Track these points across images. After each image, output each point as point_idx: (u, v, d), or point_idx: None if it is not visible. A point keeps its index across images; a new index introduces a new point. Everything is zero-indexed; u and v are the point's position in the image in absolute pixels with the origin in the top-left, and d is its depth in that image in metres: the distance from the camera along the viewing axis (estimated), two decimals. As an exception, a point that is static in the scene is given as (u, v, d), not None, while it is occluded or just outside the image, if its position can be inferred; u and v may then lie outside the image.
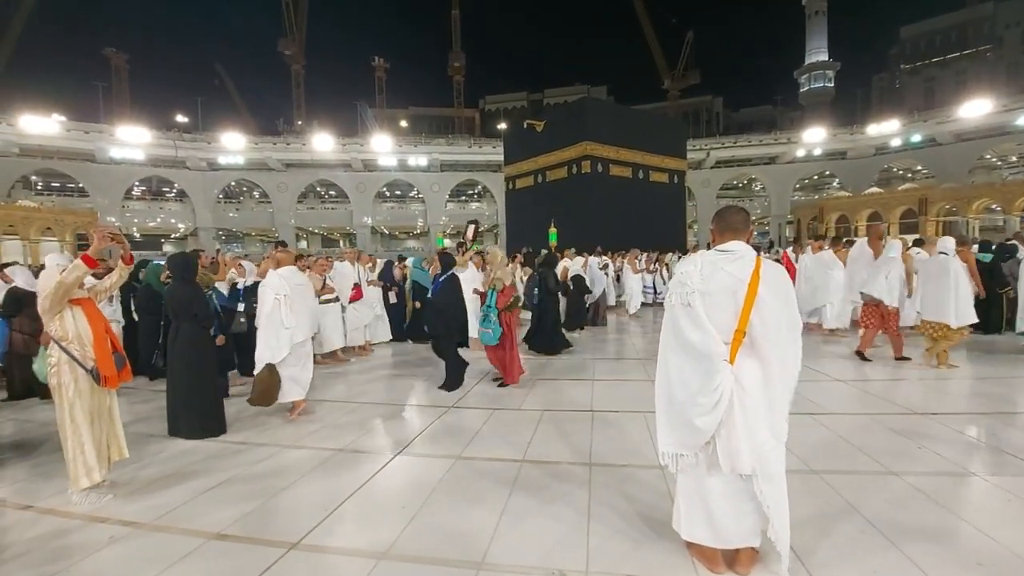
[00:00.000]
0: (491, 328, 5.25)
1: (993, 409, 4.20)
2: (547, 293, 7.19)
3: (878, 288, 5.77)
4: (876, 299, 5.80)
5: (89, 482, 2.89)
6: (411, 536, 2.47)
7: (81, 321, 2.98)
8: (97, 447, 2.96)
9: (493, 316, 5.27)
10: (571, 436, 3.79)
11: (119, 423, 3.19)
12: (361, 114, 54.41)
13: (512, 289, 5.46)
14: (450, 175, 42.93)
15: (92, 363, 2.93)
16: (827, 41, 69.66)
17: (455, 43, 63.68)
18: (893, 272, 5.78)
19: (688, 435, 1.99)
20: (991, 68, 58.75)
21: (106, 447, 3.06)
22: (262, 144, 39.94)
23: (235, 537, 2.50)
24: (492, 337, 5.26)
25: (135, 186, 38.04)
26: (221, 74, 61.67)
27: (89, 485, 2.90)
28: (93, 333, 2.98)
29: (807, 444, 3.41)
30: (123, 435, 3.20)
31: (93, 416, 2.98)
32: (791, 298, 2.00)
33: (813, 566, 2.11)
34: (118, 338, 3.27)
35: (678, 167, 18.88)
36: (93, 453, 2.91)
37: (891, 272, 5.77)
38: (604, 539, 2.38)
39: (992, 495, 2.71)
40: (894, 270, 5.79)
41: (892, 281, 5.74)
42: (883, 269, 5.81)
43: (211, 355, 4.17)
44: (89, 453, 2.90)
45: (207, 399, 4.02)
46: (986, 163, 35.78)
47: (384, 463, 3.37)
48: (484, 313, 5.36)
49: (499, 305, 5.28)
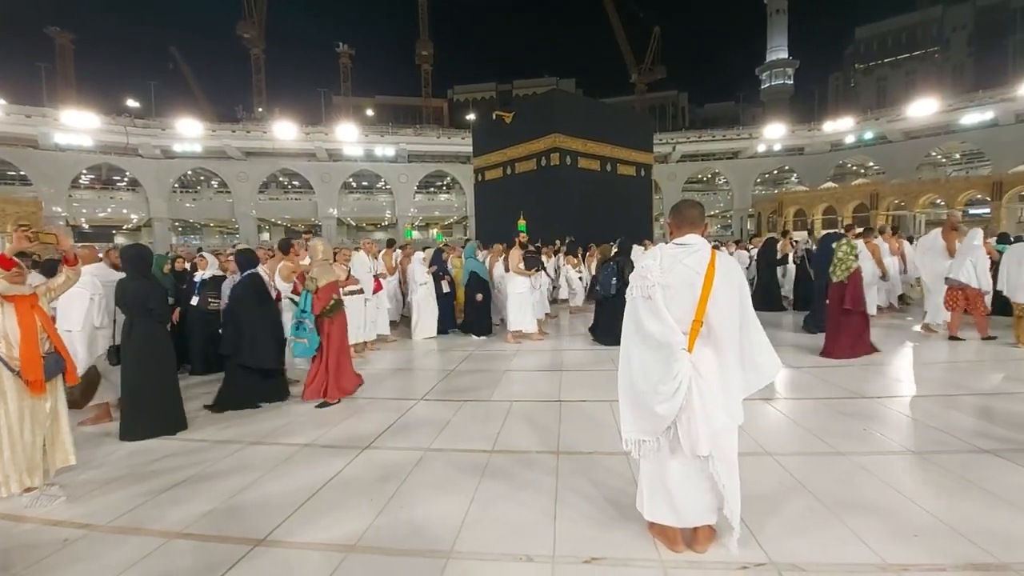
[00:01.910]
0: (306, 337, 4.46)
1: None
2: (624, 284, 6.86)
3: (965, 273, 6.18)
4: (963, 284, 6.20)
5: (7, 492, 2.76)
6: (380, 529, 2.47)
7: (10, 320, 2.81)
8: (29, 453, 2.82)
9: (309, 322, 4.49)
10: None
11: (65, 427, 3.04)
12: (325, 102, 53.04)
13: (332, 289, 4.59)
14: (418, 166, 42.37)
15: (18, 364, 2.78)
16: (787, 39, 71.80)
17: (423, 31, 62.66)
18: (979, 259, 6.19)
19: (650, 422, 2.08)
20: (938, 69, 61.76)
21: (42, 452, 2.91)
22: (220, 131, 38.41)
23: (198, 536, 2.45)
24: (308, 349, 4.49)
25: (83, 174, 36.05)
26: (175, 57, 59.02)
27: (7, 495, 2.77)
28: (21, 333, 2.81)
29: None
30: (70, 440, 3.05)
31: (23, 420, 2.82)
32: (744, 289, 2.11)
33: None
34: (61, 338, 3.08)
35: (645, 160, 19.14)
36: (11, 462, 2.77)
37: (976, 259, 6.19)
38: (572, 524, 2.44)
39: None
40: (979, 257, 6.20)
41: (978, 267, 6.18)
42: (968, 256, 6.22)
43: (168, 351, 4.03)
44: (7, 461, 2.76)
45: (166, 396, 3.90)
46: (932, 160, 37.70)
47: (352, 457, 3.35)
48: (297, 320, 4.57)
49: (315, 310, 4.50)
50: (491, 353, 6.67)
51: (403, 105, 65.89)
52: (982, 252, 6.25)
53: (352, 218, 43.39)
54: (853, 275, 5.57)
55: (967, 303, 6.29)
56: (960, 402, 4.09)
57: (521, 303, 7.12)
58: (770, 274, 10.09)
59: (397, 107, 65.31)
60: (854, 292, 5.61)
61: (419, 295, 7.61)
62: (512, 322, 7.16)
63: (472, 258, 7.94)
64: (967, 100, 34.20)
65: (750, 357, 2.09)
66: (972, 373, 5.12)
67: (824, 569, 2.05)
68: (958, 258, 6.34)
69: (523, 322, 7.13)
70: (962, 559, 2.06)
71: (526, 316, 7.14)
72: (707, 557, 2.14)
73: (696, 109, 74.14)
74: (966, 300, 6.28)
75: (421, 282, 7.59)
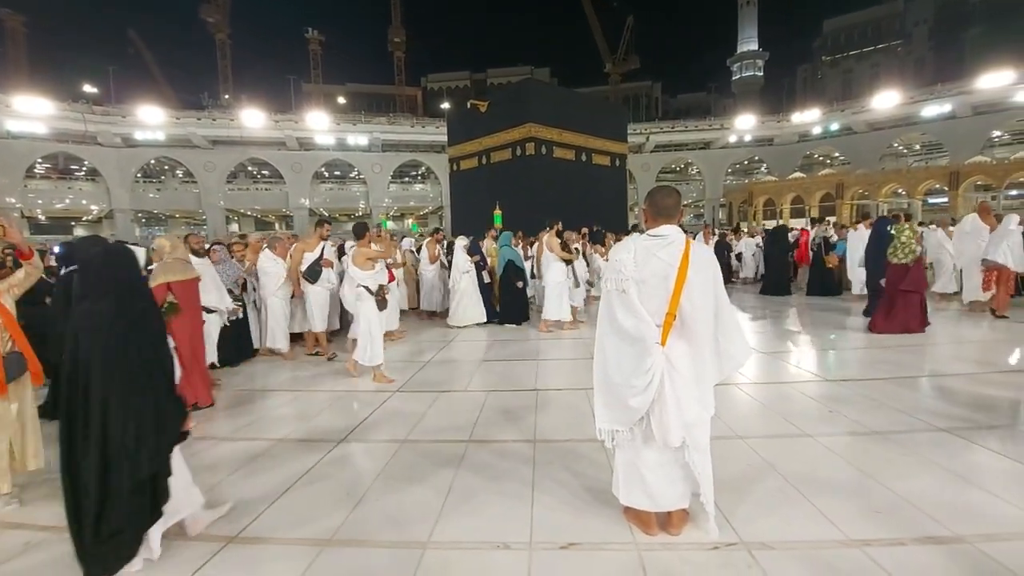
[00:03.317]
0: None
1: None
2: None
3: (1001, 254, 6.67)
4: (999, 264, 6.67)
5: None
6: (355, 522, 2.45)
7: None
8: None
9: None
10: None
11: (32, 429, 2.91)
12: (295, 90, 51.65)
13: (161, 291, 3.97)
14: (393, 155, 41.68)
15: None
16: (757, 31, 72.86)
17: (395, 17, 61.43)
18: (1015, 241, 6.70)
19: (623, 413, 2.11)
20: (901, 62, 63.66)
21: (7, 456, 2.78)
22: (185, 119, 37.00)
23: (167, 535, 2.39)
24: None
25: (38, 163, 34.36)
26: (135, 41, 56.45)
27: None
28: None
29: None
30: (39, 442, 2.92)
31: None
32: (718, 279, 2.13)
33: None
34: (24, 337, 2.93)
35: (620, 150, 19.24)
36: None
37: (1012, 241, 6.69)
38: (548, 510, 2.47)
39: None
40: (1015, 239, 6.71)
41: (1015, 248, 6.68)
42: (1004, 239, 6.70)
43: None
44: None
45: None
46: (894, 151, 38.91)
47: (327, 451, 3.31)
48: None
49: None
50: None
51: (376, 93, 64.68)
52: (1017, 235, 6.74)
53: (325, 208, 42.48)
54: (918, 260, 6.07)
55: (998, 281, 6.83)
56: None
57: (560, 292, 7.16)
58: (782, 261, 10.49)
59: (370, 95, 64.04)
60: (917, 274, 6.07)
61: (464, 284, 7.68)
62: (548, 311, 7.22)
63: (508, 246, 8.01)
64: (927, 93, 35.35)
65: (724, 346, 2.12)
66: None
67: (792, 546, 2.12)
68: (994, 240, 6.80)
69: (559, 311, 7.20)
70: (920, 532, 2.16)
71: (563, 305, 7.21)
72: (681, 539, 2.19)
73: (669, 99, 74.88)
74: (998, 279, 6.82)
75: (464, 270, 7.66)
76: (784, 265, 10.55)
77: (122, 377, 1.96)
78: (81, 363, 1.94)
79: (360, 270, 4.93)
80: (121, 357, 1.96)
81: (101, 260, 2.07)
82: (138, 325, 2.05)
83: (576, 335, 7.02)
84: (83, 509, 1.95)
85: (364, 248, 5.02)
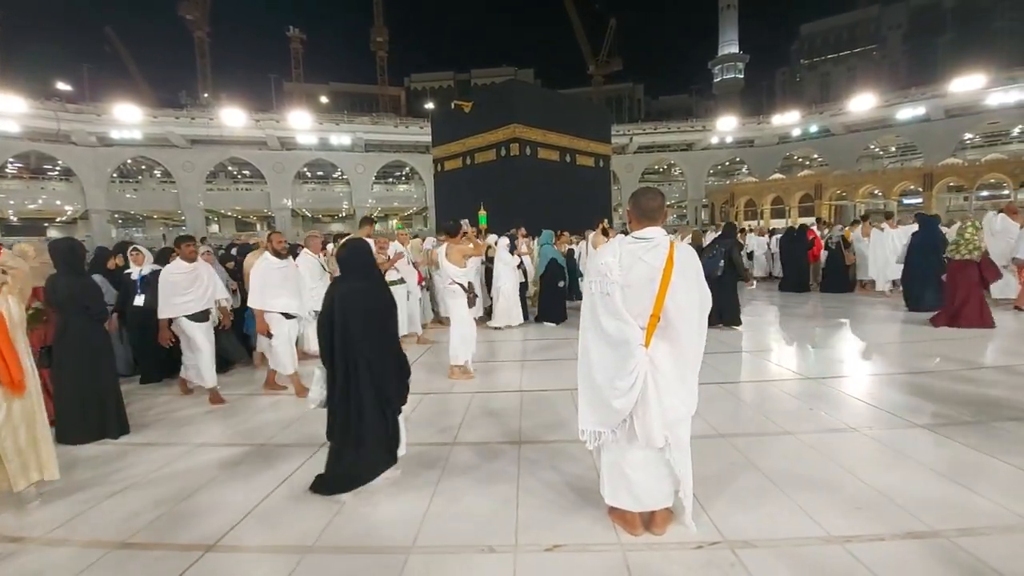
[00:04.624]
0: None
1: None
2: (731, 266, 6.70)
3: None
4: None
5: None
6: (338, 527, 2.41)
7: None
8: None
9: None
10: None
11: (43, 438, 2.85)
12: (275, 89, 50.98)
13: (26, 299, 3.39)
14: (376, 155, 41.38)
15: None
16: (738, 34, 73.89)
17: (377, 16, 61.03)
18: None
19: (606, 415, 2.12)
20: (876, 66, 65.10)
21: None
22: (162, 118, 36.29)
23: (142, 545, 2.33)
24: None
25: (9, 162, 33.42)
26: (111, 38, 55.22)
27: None
28: None
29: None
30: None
31: None
32: (701, 279, 2.14)
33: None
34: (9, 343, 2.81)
35: (603, 151, 19.35)
36: None
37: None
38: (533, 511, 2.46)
39: None
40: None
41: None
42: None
43: (108, 351, 3.80)
44: None
45: (106, 398, 3.67)
46: (871, 153, 39.81)
47: (309, 456, 3.25)
48: None
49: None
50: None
51: (359, 93, 64.21)
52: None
53: (307, 209, 42.03)
54: (984, 255, 6.30)
55: (1021, 275, 7.25)
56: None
57: None
58: (801, 259, 10.72)
59: (352, 95, 63.57)
60: (990, 266, 6.34)
61: (505, 285, 7.58)
62: None
63: (549, 244, 7.92)
64: (902, 96, 36.28)
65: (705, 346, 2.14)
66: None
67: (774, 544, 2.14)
68: (1021, 239, 7.14)
69: None
70: (900, 528, 2.20)
71: None
72: (665, 539, 2.20)
73: (651, 101, 75.57)
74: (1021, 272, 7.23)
75: (509, 266, 7.60)
76: (805, 263, 10.80)
77: (378, 333, 2.64)
78: (338, 324, 2.57)
79: (455, 267, 4.84)
80: (373, 317, 2.63)
81: (348, 253, 2.75)
82: (376, 293, 2.74)
83: None
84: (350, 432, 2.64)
85: (460, 245, 4.95)
